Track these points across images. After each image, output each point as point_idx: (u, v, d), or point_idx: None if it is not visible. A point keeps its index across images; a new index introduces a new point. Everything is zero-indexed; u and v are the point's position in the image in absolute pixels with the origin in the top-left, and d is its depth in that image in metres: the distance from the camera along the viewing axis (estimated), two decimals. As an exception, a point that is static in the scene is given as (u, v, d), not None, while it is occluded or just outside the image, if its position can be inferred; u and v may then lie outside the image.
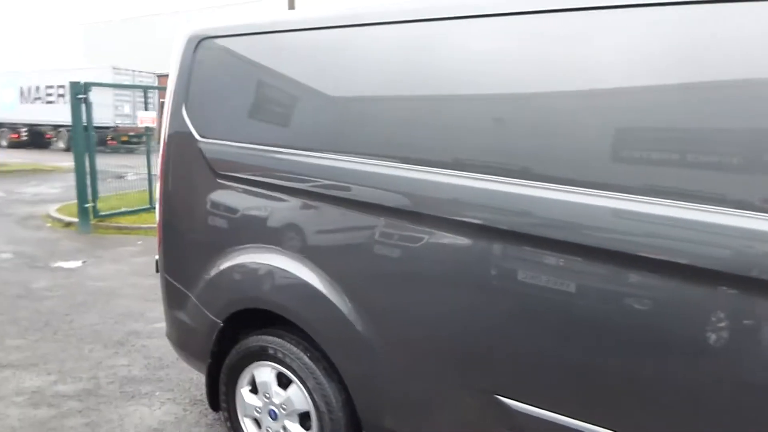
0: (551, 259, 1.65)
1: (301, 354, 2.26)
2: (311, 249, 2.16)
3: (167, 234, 2.73)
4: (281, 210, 2.26)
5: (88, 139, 7.96)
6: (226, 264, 2.43)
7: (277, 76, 2.31)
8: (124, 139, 21.58)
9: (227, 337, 2.52)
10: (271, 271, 2.26)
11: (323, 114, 2.14)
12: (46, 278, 5.79)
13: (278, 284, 2.26)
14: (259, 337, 2.40)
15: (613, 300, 1.56)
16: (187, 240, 2.64)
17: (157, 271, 2.89)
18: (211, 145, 2.47)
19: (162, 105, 2.80)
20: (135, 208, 8.99)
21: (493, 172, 1.73)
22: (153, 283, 5.55)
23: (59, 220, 8.78)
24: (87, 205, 8.06)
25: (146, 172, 9.19)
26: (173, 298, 2.76)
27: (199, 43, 2.57)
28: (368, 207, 1.99)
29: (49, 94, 24.56)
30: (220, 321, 2.49)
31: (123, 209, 8.87)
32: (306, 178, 2.16)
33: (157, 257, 2.89)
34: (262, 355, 2.38)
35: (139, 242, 7.52)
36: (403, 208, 1.90)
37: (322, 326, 2.16)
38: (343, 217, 2.08)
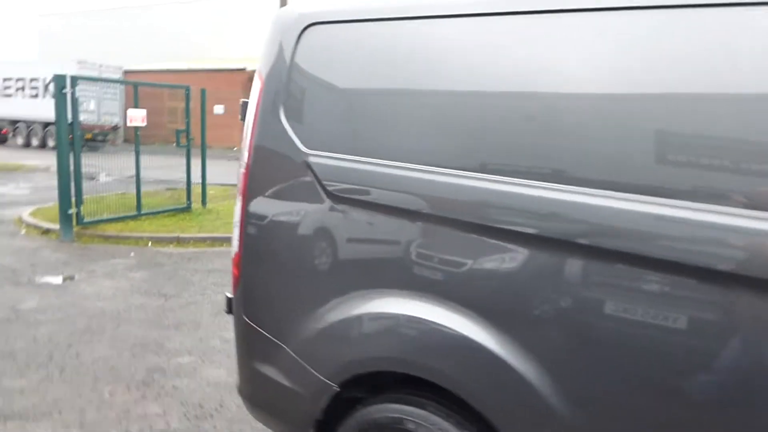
0: None
1: (453, 429, 1.75)
2: (484, 301, 1.65)
3: (250, 269, 2.17)
4: (438, 247, 1.73)
5: (73, 138, 7.21)
6: (348, 312, 1.90)
7: (431, 71, 1.78)
8: (88, 137, 20.41)
9: (337, 403, 1.99)
10: (428, 327, 1.73)
11: (511, 126, 1.63)
12: (33, 297, 5.07)
13: (436, 344, 1.73)
14: (390, 406, 1.87)
15: None
16: (284, 279, 2.09)
17: (229, 311, 2.33)
18: (324, 160, 1.94)
19: (244, 106, 2.24)
20: (120, 215, 8.23)
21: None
22: (162, 305, 4.93)
23: (36, 227, 7.96)
24: (71, 211, 7.29)
25: (134, 174, 8.44)
26: (256, 348, 2.20)
27: (304, 30, 2.03)
28: (582, 250, 1.49)
29: (7, 87, 23.12)
30: (334, 384, 1.95)
31: (106, 216, 8.11)
32: (480, 209, 1.64)
33: (229, 295, 2.33)
34: (392, 428, 1.85)
35: (132, 254, 6.82)
36: (636, 252, 1.41)
37: (498, 401, 1.65)
38: (539, 261, 1.57)
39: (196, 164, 9.25)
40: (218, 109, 21.18)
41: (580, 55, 1.52)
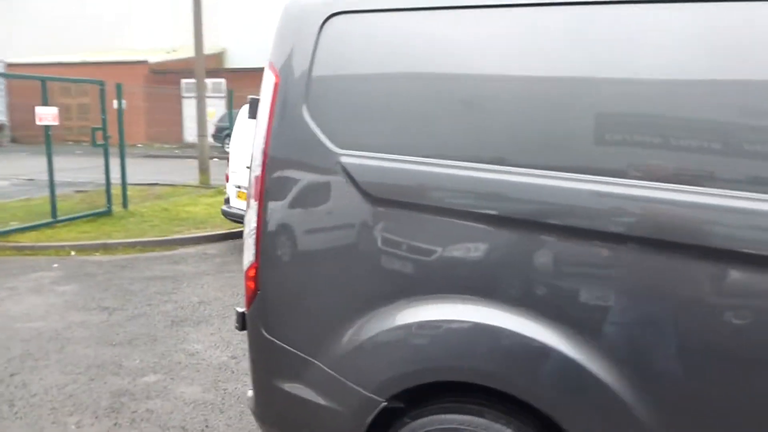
0: None
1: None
2: (557, 304, 1.59)
3: (273, 281, 1.99)
4: (497, 248, 1.65)
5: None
6: (395, 322, 1.77)
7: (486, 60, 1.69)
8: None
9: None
10: (492, 332, 1.65)
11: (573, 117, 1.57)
12: (-49, 322, 4.50)
13: (503, 350, 1.66)
14: (445, 417, 1.78)
15: None
16: (316, 289, 1.93)
17: (242, 328, 2.14)
18: (361, 160, 1.80)
19: (254, 103, 2.04)
20: (33, 223, 7.50)
21: None
22: (106, 320, 4.55)
23: (-69, 243, 7.08)
24: (-23, 223, 6.55)
25: (31, 178, 7.71)
26: (280, 366, 2.03)
27: (327, 19, 1.87)
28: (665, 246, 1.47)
29: None
30: (381, 399, 1.83)
31: (16, 225, 7.37)
32: (549, 206, 1.58)
33: (241, 310, 2.13)
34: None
35: (55, 265, 6.22)
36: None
37: (574, 407, 1.60)
38: (615, 258, 1.53)
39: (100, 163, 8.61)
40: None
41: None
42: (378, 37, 1.82)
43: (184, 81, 23.65)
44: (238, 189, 6.96)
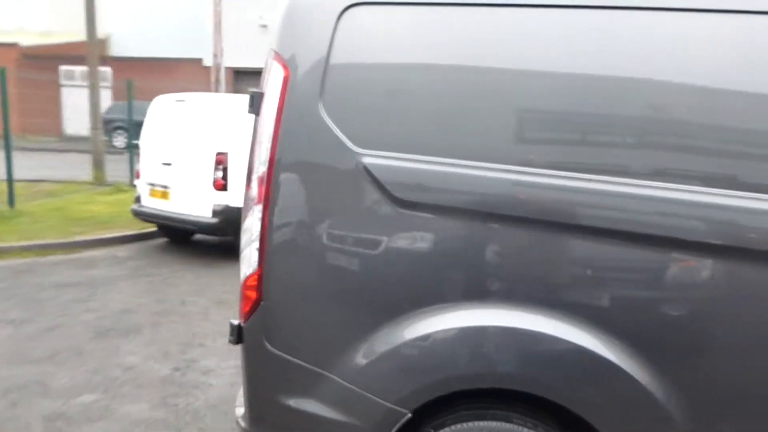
0: None
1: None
2: (595, 307, 1.61)
3: (281, 291, 1.84)
4: (546, 253, 1.64)
5: None
6: (423, 330, 1.71)
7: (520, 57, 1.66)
8: None
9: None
10: (530, 338, 1.64)
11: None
12: None
13: (542, 355, 1.64)
14: (473, 424, 1.74)
15: None
16: (332, 299, 1.80)
17: (238, 342, 1.97)
18: (386, 161, 1.70)
19: (257, 98, 1.86)
20: None
21: None
22: (13, 334, 4.06)
23: None
24: None
25: None
26: (287, 381, 1.88)
27: (345, 10, 1.75)
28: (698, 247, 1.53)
29: None
30: (406, 410, 1.75)
31: None
32: (592, 209, 1.59)
33: (236, 322, 1.96)
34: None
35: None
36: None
37: (610, 407, 1.63)
38: (649, 261, 1.57)
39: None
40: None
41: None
42: (402, 29, 1.74)
43: (63, 68, 21.74)
44: (151, 187, 6.49)
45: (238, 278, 1.92)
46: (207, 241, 7.15)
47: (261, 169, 1.82)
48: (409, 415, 1.75)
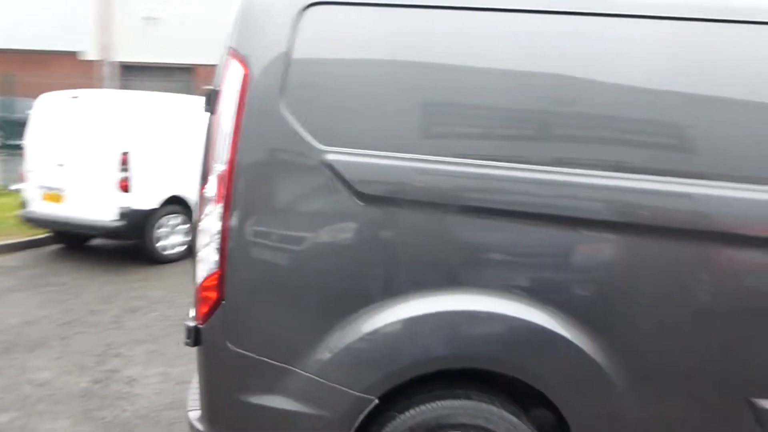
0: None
1: (503, 413, 1.84)
2: (542, 287, 1.77)
3: (243, 290, 1.83)
4: (506, 240, 1.77)
5: None
6: (390, 319, 1.78)
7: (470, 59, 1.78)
8: None
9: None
10: (492, 319, 1.76)
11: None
12: None
13: (502, 335, 1.78)
14: (437, 404, 1.84)
15: None
16: (296, 294, 1.82)
17: (196, 343, 1.93)
18: (349, 157, 1.76)
19: (212, 95, 1.83)
20: None
21: None
22: None
23: None
24: None
25: None
26: (250, 379, 1.88)
27: (304, 10, 1.78)
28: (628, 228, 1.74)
29: None
30: (373, 397, 1.82)
31: None
32: (527, 196, 1.75)
33: (193, 324, 1.93)
34: (443, 426, 1.84)
35: None
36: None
37: (561, 377, 1.79)
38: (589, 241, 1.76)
39: None
40: None
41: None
42: (355, 29, 1.80)
43: None
44: (43, 190, 6.03)
45: (146, 283, 1.89)
46: (107, 246, 6.74)
47: (220, 167, 1.80)
48: (376, 401, 1.82)
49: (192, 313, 2.00)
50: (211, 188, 1.83)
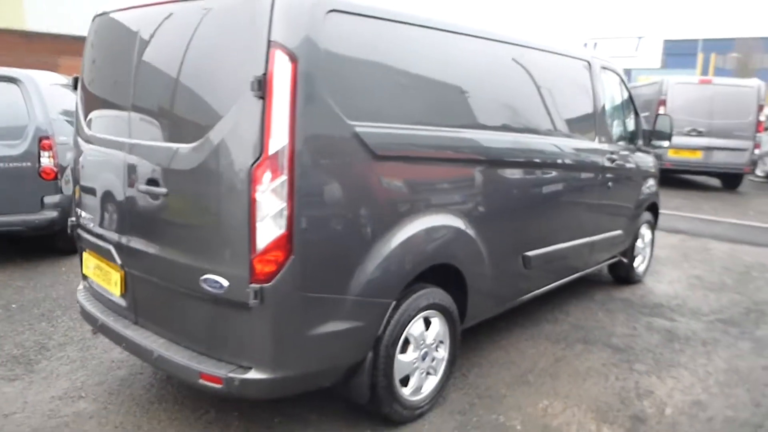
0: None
1: (442, 291, 2.86)
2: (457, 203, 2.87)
3: (310, 242, 2.28)
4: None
5: None
6: (399, 239, 2.52)
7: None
8: None
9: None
10: (451, 230, 2.76)
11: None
12: None
13: (450, 238, 2.78)
14: (416, 294, 2.69)
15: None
16: (347, 236, 2.41)
17: (262, 302, 2.18)
18: (369, 129, 2.40)
19: (264, 83, 2.00)
20: None
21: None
22: None
23: None
24: None
25: None
26: (314, 315, 2.36)
27: (329, 12, 2.25)
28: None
29: None
30: (393, 300, 2.54)
31: None
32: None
33: (257, 286, 2.17)
34: (421, 310, 2.71)
35: None
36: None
37: (465, 257, 2.94)
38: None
39: None
40: None
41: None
42: (365, 32, 2.41)
43: None
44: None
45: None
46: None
47: (280, 144, 2.13)
48: (394, 302, 2.56)
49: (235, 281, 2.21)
50: (269, 164, 2.13)
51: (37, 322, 4.02)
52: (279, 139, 2.15)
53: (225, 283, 2.25)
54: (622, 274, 5.09)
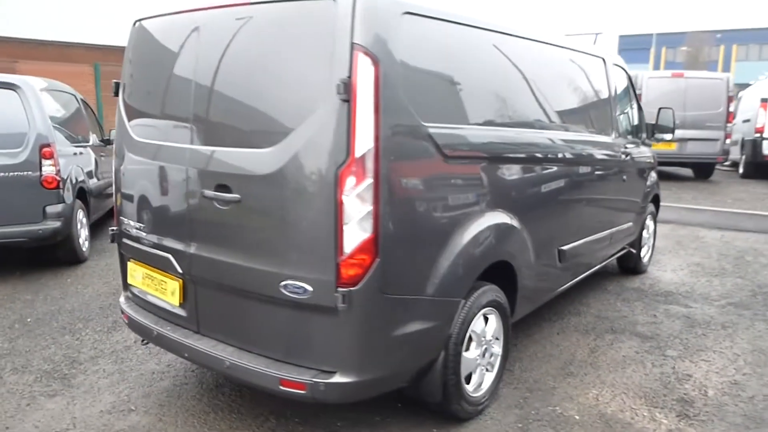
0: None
1: (497, 288, 2.90)
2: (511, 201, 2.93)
3: (396, 244, 2.30)
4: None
5: None
6: (467, 237, 2.55)
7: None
8: None
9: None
10: (506, 227, 2.80)
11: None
12: None
13: (507, 235, 2.82)
14: (478, 291, 2.72)
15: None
16: (429, 238, 2.45)
17: (350, 306, 2.18)
18: (439, 130, 2.42)
19: (349, 86, 1.98)
20: None
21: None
22: None
23: None
24: None
25: None
26: (397, 317, 2.38)
27: (403, 14, 2.27)
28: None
29: None
30: (462, 298, 2.57)
31: None
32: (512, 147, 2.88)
33: (345, 290, 2.17)
34: (482, 307, 2.75)
35: None
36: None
37: (517, 253, 2.99)
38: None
39: None
40: None
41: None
42: (435, 37, 2.43)
43: None
44: None
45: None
46: None
47: (366, 147, 2.13)
48: (463, 300, 2.59)
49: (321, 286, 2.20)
50: (354, 168, 2.13)
51: (59, 335, 3.89)
52: (365, 142, 2.15)
53: (309, 288, 2.23)
54: (631, 265, 5.25)
